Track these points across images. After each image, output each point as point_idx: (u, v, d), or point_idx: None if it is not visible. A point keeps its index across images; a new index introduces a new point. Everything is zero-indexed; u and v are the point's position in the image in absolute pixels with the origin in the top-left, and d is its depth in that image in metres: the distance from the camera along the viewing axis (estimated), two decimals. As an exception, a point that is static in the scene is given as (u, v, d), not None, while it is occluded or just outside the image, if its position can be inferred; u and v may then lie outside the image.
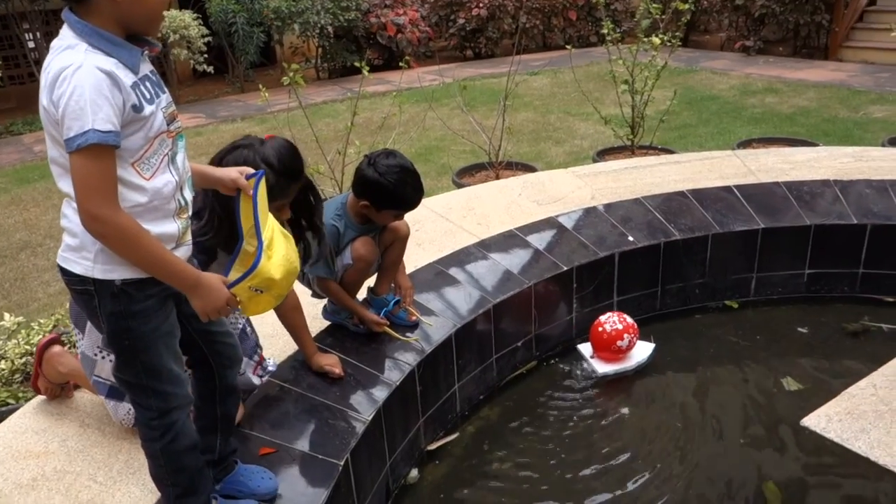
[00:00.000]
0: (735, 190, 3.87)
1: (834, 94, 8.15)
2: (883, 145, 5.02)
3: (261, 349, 2.43)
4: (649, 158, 4.70)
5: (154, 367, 1.61)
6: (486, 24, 11.69)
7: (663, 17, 5.05)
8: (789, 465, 2.62)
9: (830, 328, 3.44)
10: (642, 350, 3.28)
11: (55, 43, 1.47)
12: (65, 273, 1.57)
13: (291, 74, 3.96)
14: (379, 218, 2.57)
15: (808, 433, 2.71)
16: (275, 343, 2.66)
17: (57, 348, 2.38)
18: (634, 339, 3.19)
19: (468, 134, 6.15)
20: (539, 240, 3.48)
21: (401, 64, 4.84)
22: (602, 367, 3.20)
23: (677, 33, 5.10)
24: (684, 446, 2.76)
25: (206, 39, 9.52)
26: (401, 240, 2.71)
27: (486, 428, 2.94)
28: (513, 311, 3.10)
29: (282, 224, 2.21)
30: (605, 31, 4.94)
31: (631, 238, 3.50)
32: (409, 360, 2.61)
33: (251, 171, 1.81)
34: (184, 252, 1.65)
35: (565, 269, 3.28)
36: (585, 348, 3.31)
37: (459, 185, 4.89)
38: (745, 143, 5.47)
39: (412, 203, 2.54)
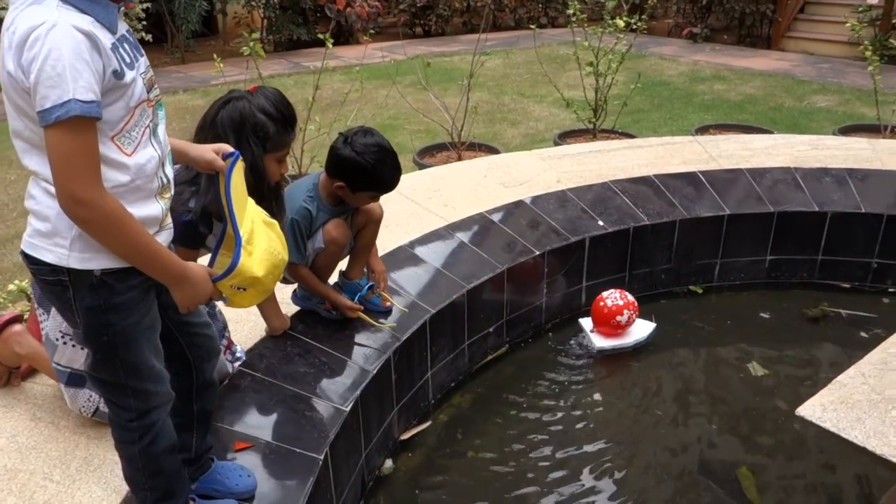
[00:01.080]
0: (700, 176, 3.89)
1: (779, 84, 8.35)
2: (834, 134, 5.14)
3: (228, 331, 2.29)
4: (612, 142, 4.68)
5: (134, 364, 1.46)
6: (437, 2, 11.51)
7: (626, -1, 5.03)
8: (761, 450, 2.66)
9: (791, 314, 3.51)
10: (642, 328, 3.28)
11: None
12: (32, 262, 1.40)
13: (251, 44, 3.76)
14: (354, 200, 2.45)
15: (781, 421, 2.77)
16: (240, 329, 2.52)
17: (17, 327, 2.19)
18: (634, 316, 3.19)
19: (427, 112, 6.03)
20: (509, 223, 3.42)
21: (365, 37, 4.68)
22: (600, 342, 3.22)
23: (643, 16, 5.08)
24: (655, 432, 2.76)
25: (144, 5, 9.04)
26: (374, 222, 2.59)
27: (458, 416, 2.88)
28: (485, 297, 3.03)
29: (279, 180, 2.08)
30: (570, 11, 4.87)
31: (601, 223, 3.47)
32: (384, 347, 2.51)
33: (229, 149, 1.67)
34: (166, 237, 1.50)
35: (537, 253, 3.23)
36: (586, 322, 3.31)
37: (421, 166, 4.77)
38: (703, 129, 5.52)
39: (391, 184, 2.42)
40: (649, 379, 3.11)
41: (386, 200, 3.60)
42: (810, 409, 1.82)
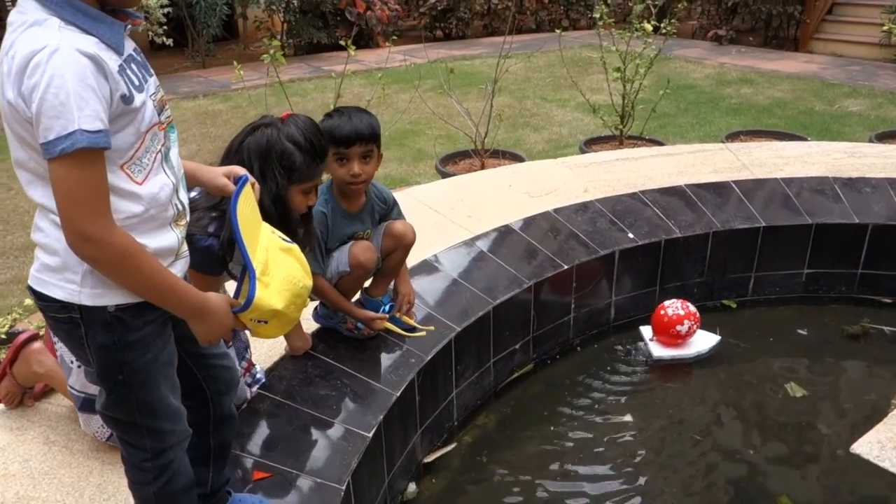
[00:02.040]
0: (733, 185, 3.75)
1: (808, 87, 8.15)
2: (871, 141, 4.98)
3: (250, 352, 2.20)
4: (640, 150, 4.56)
5: (150, 402, 1.37)
6: (457, 5, 11.42)
7: (655, 2, 4.90)
8: (802, 477, 2.53)
9: (830, 330, 3.36)
10: (704, 340, 3.19)
11: (14, 17, 1.18)
12: (40, 298, 1.31)
13: (272, 52, 3.68)
14: (329, 170, 2.24)
15: (850, 456, 2.61)
16: (259, 347, 2.44)
17: (37, 345, 2.12)
18: (695, 327, 3.12)
19: (448, 118, 5.93)
20: (535, 235, 3.30)
21: (386, 42, 4.58)
22: (658, 351, 3.15)
23: (673, 20, 4.95)
24: (690, 455, 2.64)
25: (165, 10, 9.04)
26: (404, 248, 2.48)
27: (483, 437, 2.77)
28: (512, 313, 2.93)
29: (304, 215, 1.98)
30: (597, 14, 4.75)
31: (631, 235, 3.35)
32: (408, 367, 2.42)
33: (241, 171, 1.58)
34: (181, 267, 1.41)
35: (565, 267, 3.11)
36: (646, 331, 3.24)
37: (444, 174, 4.68)
38: (733, 136, 5.37)
39: (342, 132, 2.20)
40: (684, 399, 2.98)
41: (408, 211, 3.50)
42: (867, 447, 1.69)
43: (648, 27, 4.64)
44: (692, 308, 3.14)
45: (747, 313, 3.55)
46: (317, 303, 2.52)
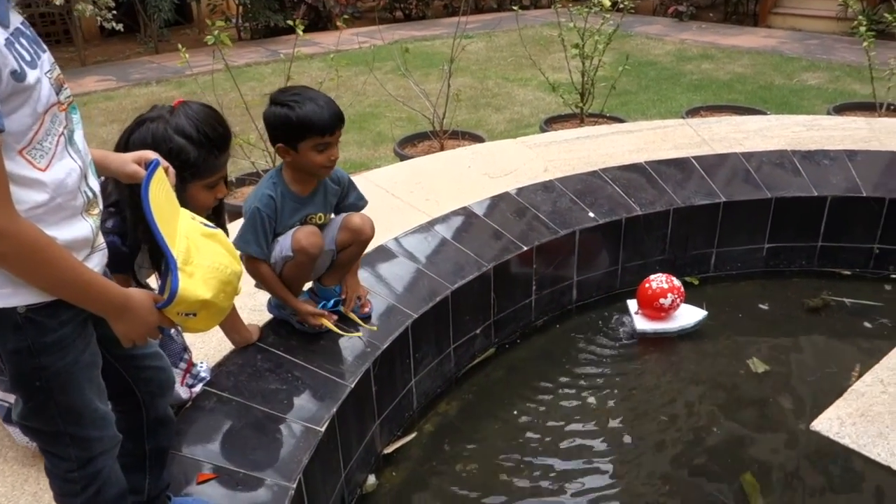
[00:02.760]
0: (693, 161, 3.71)
1: (767, 61, 8.18)
2: (829, 113, 4.99)
3: (189, 353, 2.10)
4: (600, 127, 4.50)
5: (74, 408, 1.27)
6: (417, -16, 11.25)
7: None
8: (765, 454, 2.51)
9: (791, 304, 3.36)
10: (689, 314, 3.18)
11: None
12: None
13: (216, 33, 3.53)
14: (304, 159, 2.16)
15: (811, 433, 2.61)
16: (207, 342, 2.34)
17: None
18: (678, 300, 3.11)
19: (406, 100, 5.82)
20: (495, 217, 3.23)
21: (339, 24, 4.45)
22: (642, 325, 3.15)
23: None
24: (654, 435, 2.61)
25: (114, -6, 8.74)
26: (360, 243, 2.38)
27: (445, 425, 2.71)
28: (472, 297, 2.86)
29: (213, 208, 1.88)
30: (553, -9, 4.66)
31: (591, 214, 3.30)
32: (363, 357, 2.33)
33: (153, 156, 1.46)
34: (99, 260, 1.30)
35: (525, 248, 3.05)
36: (632, 304, 3.24)
37: (402, 157, 4.57)
38: (694, 111, 5.34)
39: (325, 120, 2.11)
40: (647, 379, 2.95)
41: (365, 195, 3.43)
42: (826, 424, 1.66)
43: (606, 3, 4.57)
44: (676, 282, 3.13)
45: (709, 290, 3.52)
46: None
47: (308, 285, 2.48)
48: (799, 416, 2.64)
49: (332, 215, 2.39)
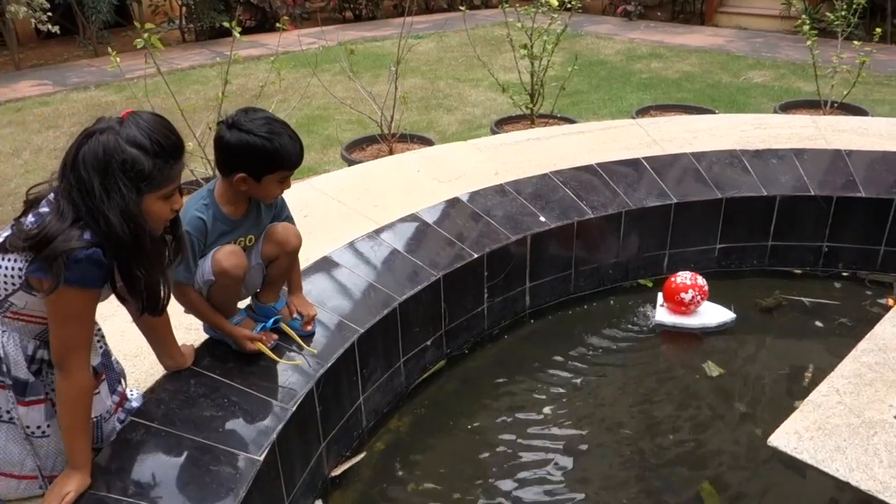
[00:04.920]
0: (644, 162, 3.68)
1: (714, 60, 8.28)
2: (776, 111, 5.03)
3: (124, 384, 1.95)
4: (551, 129, 4.45)
5: None
6: (366, -16, 11.10)
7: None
8: (723, 462, 2.47)
9: (744, 304, 3.33)
10: (713, 313, 3.21)
11: None
12: None
13: (146, 36, 3.35)
14: (262, 191, 2.06)
15: (742, 428, 2.58)
16: (138, 365, 2.19)
17: None
18: (699, 297, 3.16)
19: (354, 102, 5.69)
20: (445, 224, 3.14)
21: (277, 25, 4.30)
22: (662, 317, 3.21)
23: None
24: (612, 446, 2.54)
25: (49, -5, 8.40)
26: (288, 254, 2.24)
27: (396, 443, 2.60)
28: (421, 308, 2.75)
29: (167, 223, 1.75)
30: (501, -10, 4.59)
31: (543, 218, 3.23)
32: (306, 377, 2.21)
33: None
34: None
35: (476, 256, 2.96)
36: (660, 296, 3.30)
37: (350, 161, 4.45)
38: (643, 111, 5.34)
39: (295, 156, 2.04)
40: (603, 384, 2.89)
41: (310, 202, 3.31)
42: (784, 439, 1.60)
43: (554, 2, 4.52)
44: (701, 280, 3.19)
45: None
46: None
47: (247, 302, 2.35)
48: (755, 422, 2.61)
49: None
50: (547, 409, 2.74)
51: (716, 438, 2.57)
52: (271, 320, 2.24)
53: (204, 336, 2.33)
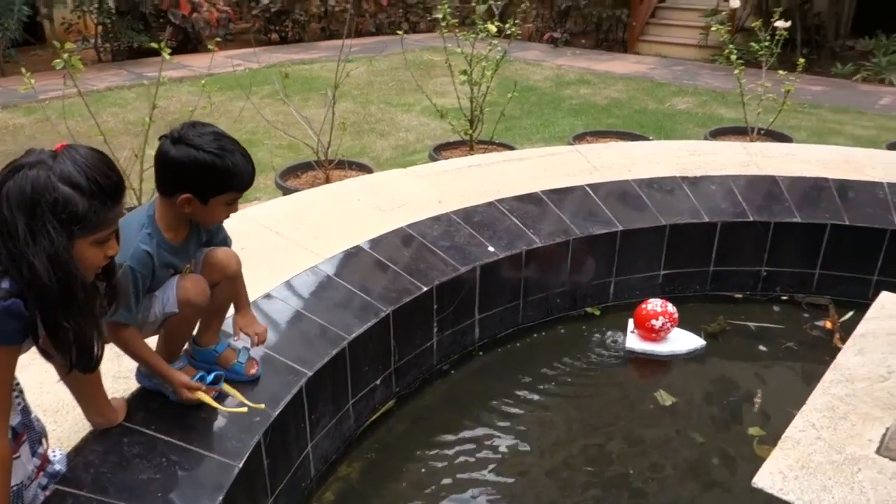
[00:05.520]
0: (588, 189, 3.67)
1: (640, 86, 8.50)
2: (705, 138, 5.16)
3: (45, 444, 1.74)
4: (491, 155, 4.40)
5: None
6: (292, 6, 10.92)
7: (497, 2, 4.79)
8: (684, 492, 2.43)
9: (689, 330, 3.33)
10: (683, 341, 3.22)
11: None
12: None
13: (66, 56, 3.12)
14: (208, 214, 1.89)
15: (699, 458, 2.54)
16: (60, 422, 1.97)
17: None
18: (669, 324, 3.17)
19: (284, 126, 5.51)
20: (391, 255, 3.02)
21: (209, 46, 4.10)
22: (632, 343, 3.21)
23: (517, 21, 4.85)
24: (567, 485, 2.46)
25: (-51, 11, 7.88)
26: (229, 279, 2.07)
27: (346, 490, 2.44)
28: (371, 345, 2.62)
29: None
30: (440, 15, 4.54)
31: (491, 248, 3.15)
32: (252, 428, 2.04)
33: None
34: None
35: (425, 289, 2.85)
36: (630, 323, 3.30)
37: (285, 189, 4.28)
38: (580, 137, 5.38)
39: (247, 176, 1.88)
40: (555, 416, 2.82)
41: (245, 233, 3.12)
42: (769, 480, 1.55)
43: (492, 28, 4.50)
44: (671, 308, 3.20)
45: (610, 319, 3.46)
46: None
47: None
48: (710, 452, 2.59)
49: None
50: (502, 446, 2.64)
51: (673, 469, 2.53)
52: (212, 375, 2.04)
53: (135, 385, 2.14)
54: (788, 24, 4.92)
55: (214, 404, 1.99)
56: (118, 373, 2.17)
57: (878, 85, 8.52)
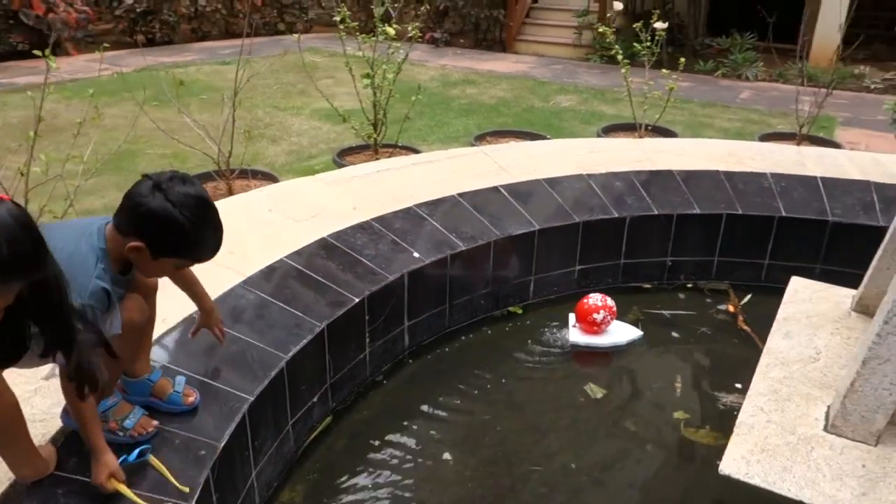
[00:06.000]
0: (502, 190, 3.71)
1: (523, 85, 8.71)
2: (598, 135, 5.36)
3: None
4: (399, 159, 4.36)
5: None
6: (160, 7, 10.33)
7: (396, 4, 4.74)
8: (618, 484, 2.51)
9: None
10: (622, 332, 3.34)
11: None
12: None
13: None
14: (151, 268, 1.78)
15: (638, 450, 2.64)
16: (-24, 478, 1.75)
17: None
18: (609, 318, 3.28)
19: (171, 133, 5.20)
20: (317, 268, 2.92)
21: (72, 47, 3.78)
22: (576, 337, 3.31)
23: (417, 24, 4.82)
24: (510, 489, 2.48)
25: None
26: (150, 292, 2.02)
27: (292, 519, 2.34)
28: (307, 362, 2.52)
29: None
30: (338, 18, 4.44)
31: (416, 254, 3.12)
32: (200, 463, 1.90)
33: None
34: None
35: (356, 300, 2.77)
36: (571, 317, 3.40)
37: (184, 202, 4.02)
38: (480, 137, 5.44)
39: (208, 254, 1.80)
40: (491, 418, 2.82)
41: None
42: (734, 466, 1.62)
43: (391, 31, 4.45)
44: (610, 301, 3.31)
45: (531, 316, 3.53)
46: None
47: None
48: (642, 441, 2.70)
49: None
50: (440, 454, 2.62)
51: (611, 460, 2.61)
52: (136, 452, 1.81)
53: (55, 426, 1.94)
54: (666, 24, 5.21)
55: (135, 498, 1.72)
56: (31, 416, 1.96)
57: (737, 80, 9.20)
